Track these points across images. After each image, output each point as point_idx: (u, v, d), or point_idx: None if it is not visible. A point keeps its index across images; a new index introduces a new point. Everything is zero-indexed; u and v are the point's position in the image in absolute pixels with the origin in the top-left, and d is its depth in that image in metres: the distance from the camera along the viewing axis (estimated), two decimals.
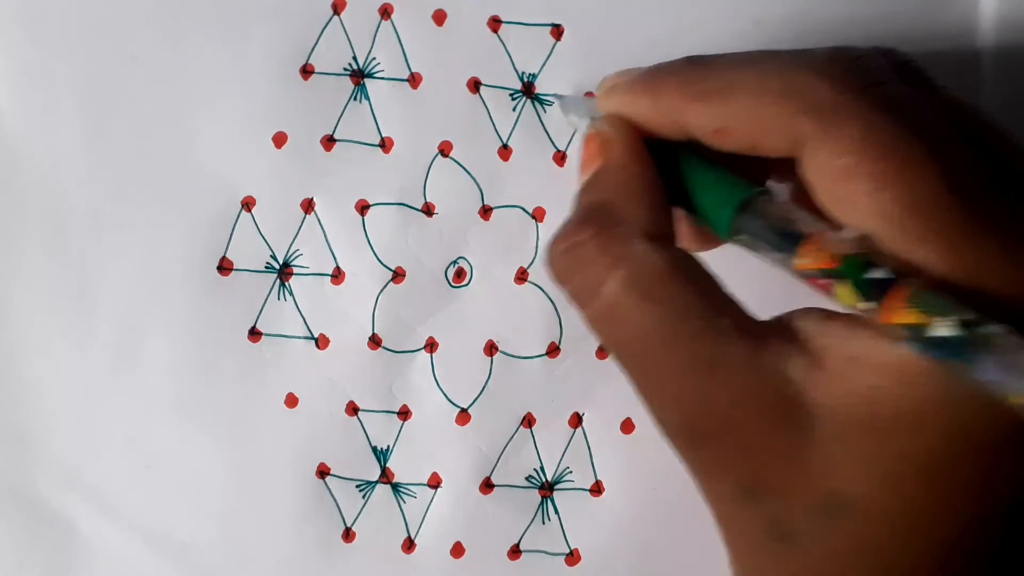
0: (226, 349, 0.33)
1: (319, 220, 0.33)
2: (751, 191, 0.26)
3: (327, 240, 0.33)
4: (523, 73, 0.33)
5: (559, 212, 0.33)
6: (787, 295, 0.25)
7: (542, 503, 0.35)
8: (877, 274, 0.22)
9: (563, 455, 0.34)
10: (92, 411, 0.33)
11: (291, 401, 0.34)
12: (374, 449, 0.34)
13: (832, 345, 0.23)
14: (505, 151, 0.33)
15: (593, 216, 0.26)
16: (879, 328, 0.22)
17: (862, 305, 0.22)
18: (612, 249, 0.25)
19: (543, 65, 0.33)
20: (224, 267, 0.33)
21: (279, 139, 0.33)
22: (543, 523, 0.35)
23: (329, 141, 0.33)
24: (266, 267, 0.34)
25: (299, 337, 0.34)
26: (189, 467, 0.34)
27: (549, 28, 0.33)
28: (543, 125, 0.33)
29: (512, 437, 0.34)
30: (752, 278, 0.26)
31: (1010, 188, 0.23)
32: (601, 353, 0.34)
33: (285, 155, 0.33)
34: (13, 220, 0.33)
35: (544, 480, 0.34)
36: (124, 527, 0.34)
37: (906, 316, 0.21)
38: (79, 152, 0.33)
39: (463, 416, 0.34)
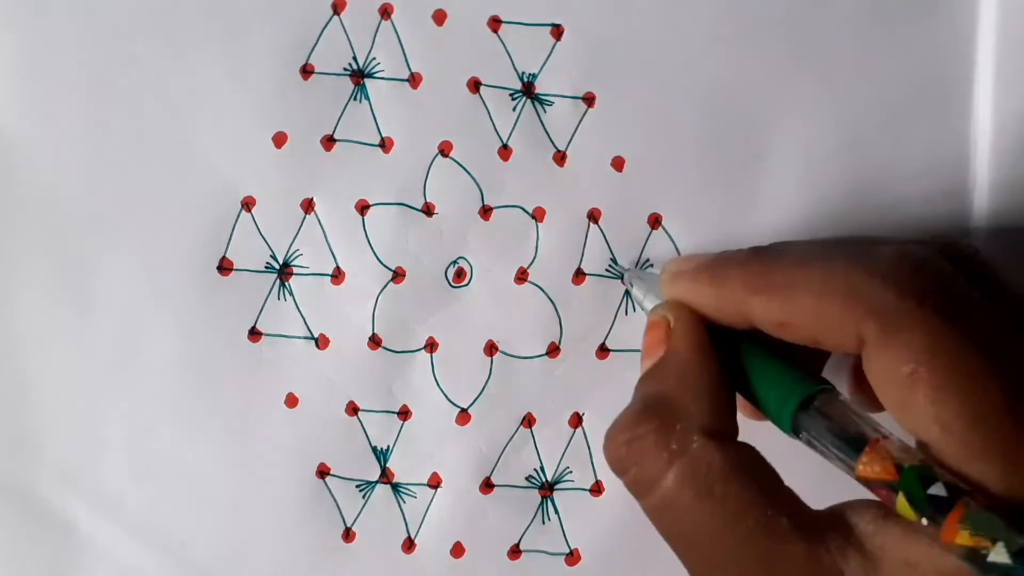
0: (226, 349, 0.33)
1: (319, 220, 0.33)
2: (813, 388, 0.26)
3: (327, 240, 0.33)
4: (523, 73, 0.33)
5: (559, 212, 0.34)
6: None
7: (542, 503, 0.35)
8: (936, 491, 0.22)
9: (563, 455, 0.34)
10: (92, 411, 0.34)
11: (291, 401, 0.34)
12: (374, 449, 0.34)
13: (889, 547, 0.23)
14: (505, 151, 0.33)
15: (653, 408, 0.26)
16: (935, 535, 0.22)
17: (921, 520, 0.22)
18: (670, 444, 0.25)
19: (543, 65, 0.33)
20: (224, 267, 0.33)
21: (279, 139, 0.33)
22: (543, 523, 0.34)
23: (329, 141, 0.33)
24: (266, 267, 0.34)
25: (299, 337, 0.34)
26: (189, 467, 0.34)
27: (549, 28, 0.33)
28: (543, 125, 0.33)
29: (512, 437, 0.34)
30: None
31: None
32: (601, 353, 0.34)
33: (285, 155, 0.33)
34: (13, 220, 0.33)
35: (544, 480, 0.34)
36: (124, 527, 0.34)
37: (964, 538, 0.21)
38: (79, 152, 0.33)
39: (463, 416, 0.34)
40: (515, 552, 0.34)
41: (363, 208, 0.33)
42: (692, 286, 0.28)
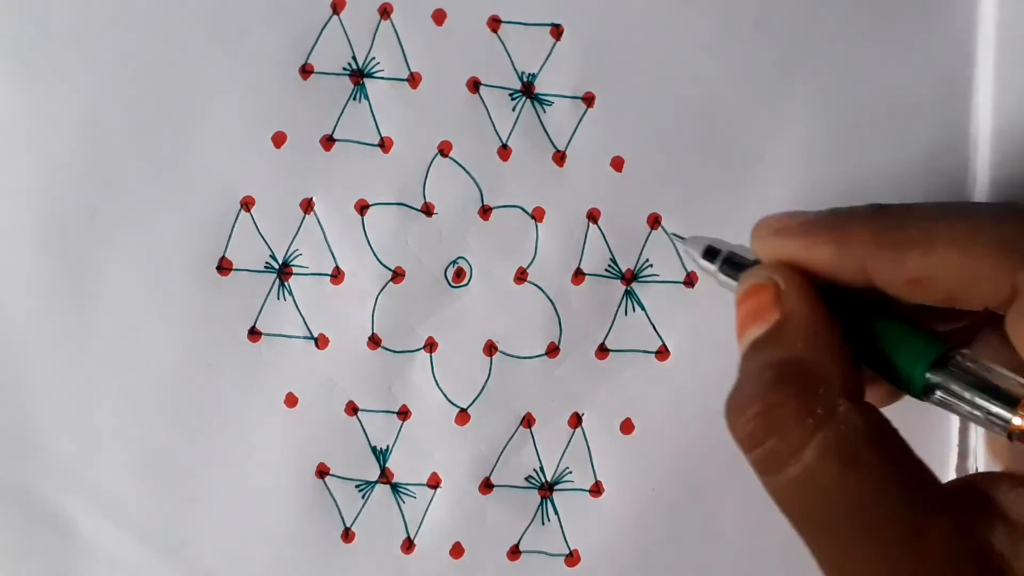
0: (226, 349, 0.33)
1: (319, 220, 0.33)
2: (947, 346, 0.25)
3: (327, 240, 0.33)
4: (523, 73, 0.33)
5: (558, 212, 0.34)
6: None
7: (542, 503, 0.34)
8: None
9: (563, 455, 0.34)
10: (92, 411, 0.34)
11: (291, 401, 0.34)
12: (373, 449, 0.34)
13: None
14: (505, 151, 0.33)
15: (789, 374, 0.25)
16: None
17: None
18: (815, 410, 0.24)
19: (543, 65, 0.33)
20: (223, 267, 0.33)
21: (278, 139, 0.33)
22: (543, 523, 0.34)
23: (328, 141, 0.33)
24: (265, 267, 0.34)
25: (299, 337, 0.34)
26: (189, 467, 0.34)
27: (549, 28, 0.33)
28: (543, 125, 0.33)
29: (512, 437, 0.34)
30: None
31: None
32: (601, 353, 0.34)
33: (284, 155, 0.33)
34: (12, 220, 0.33)
35: (544, 480, 0.34)
36: (124, 527, 0.34)
37: None
38: (79, 152, 0.33)
39: (462, 416, 0.34)
40: (514, 553, 0.34)
41: (362, 208, 0.33)
42: (806, 242, 0.26)
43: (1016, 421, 0.23)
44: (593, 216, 0.34)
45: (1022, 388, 0.24)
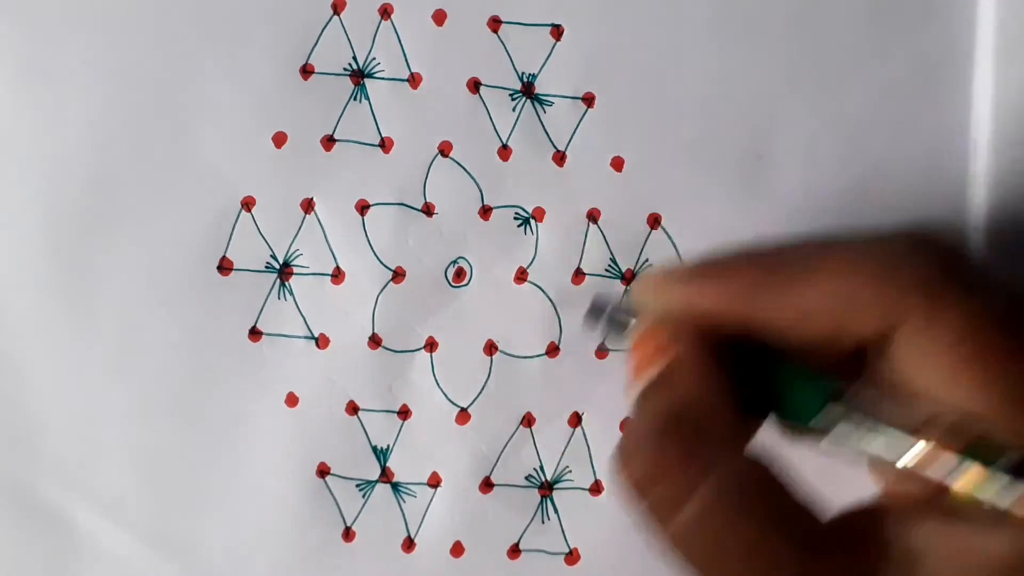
0: (226, 349, 0.33)
1: (319, 220, 0.33)
2: (836, 382, 0.25)
3: (327, 240, 0.33)
4: (523, 73, 0.33)
5: (559, 212, 0.34)
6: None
7: (542, 503, 0.35)
8: (1004, 465, 0.22)
9: (563, 455, 0.34)
10: (92, 411, 0.34)
11: (291, 401, 0.34)
12: (374, 448, 0.34)
13: (930, 542, 0.23)
14: (505, 151, 0.33)
15: (672, 424, 0.25)
16: (981, 520, 0.22)
17: (994, 494, 0.22)
18: (698, 460, 0.24)
19: (543, 65, 0.33)
20: (224, 267, 0.33)
21: (279, 139, 0.33)
22: (543, 522, 0.35)
23: (329, 141, 0.33)
24: (266, 267, 0.34)
25: (299, 337, 0.34)
26: (189, 467, 0.34)
27: (549, 28, 0.33)
28: (543, 125, 0.33)
29: (512, 437, 0.34)
30: None
31: None
32: (601, 353, 0.34)
33: (285, 155, 0.33)
34: (12, 219, 0.33)
35: (544, 480, 0.35)
36: (124, 527, 0.34)
37: None
38: (79, 152, 0.33)
39: (463, 416, 0.34)
40: (515, 551, 0.34)
41: (363, 208, 0.33)
42: (692, 289, 0.26)
43: (914, 454, 0.23)
44: (593, 216, 0.34)
45: (917, 418, 0.23)
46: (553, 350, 0.34)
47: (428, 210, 0.34)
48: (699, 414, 0.25)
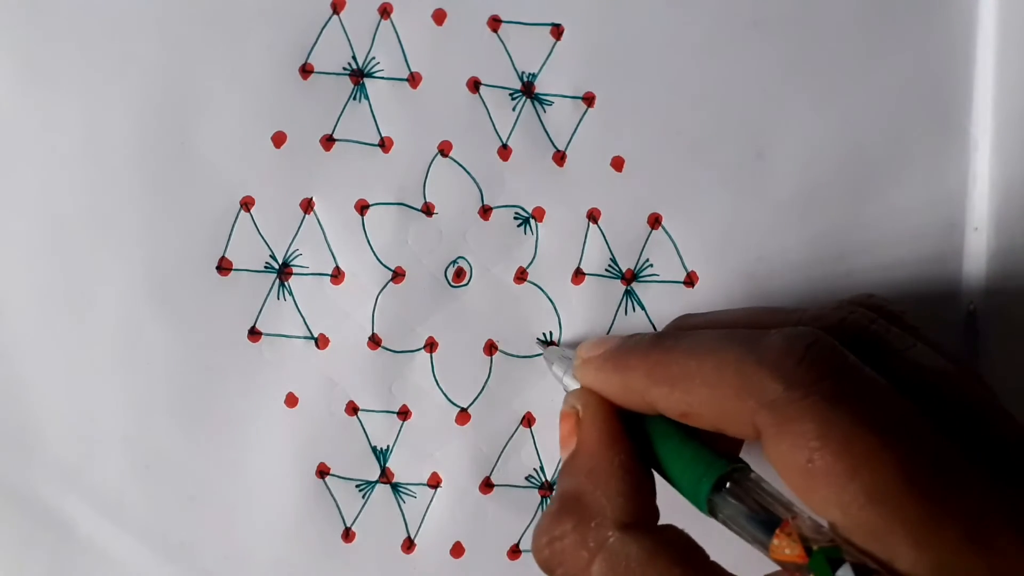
0: (226, 349, 0.33)
1: (318, 220, 0.33)
2: (725, 468, 0.26)
3: (327, 240, 0.33)
4: (523, 73, 0.33)
5: (559, 212, 0.34)
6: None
7: (542, 503, 0.35)
8: (845, 572, 0.22)
9: None
10: (91, 411, 0.33)
11: (291, 401, 0.34)
12: (374, 449, 0.34)
13: None
14: (505, 151, 0.33)
15: (569, 507, 0.27)
16: None
17: None
18: (588, 542, 0.26)
19: (543, 65, 0.33)
20: (223, 267, 0.33)
21: (278, 139, 0.33)
22: None
23: (328, 141, 0.33)
24: (265, 267, 0.33)
25: (299, 337, 0.34)
26: (189, 467, 0.34)
27: (549, 28, 0.33)
28: (543, 125, 0.33)
29: (512, 437, 0.34)
30: None
31: (988, 457, 0.24)
32: None
33: (284, 155, 0.33)
34: (12, 219, 0.33)
35: (544, 480, 0.35)
36: (124, 527, 0.34)
37: None
38: (79, 151, 0.33)
39: (463, 416, 0.34)
40: (515, 552, 0.34)
41: (363, 208, 0.33)
42: (600, 375, 0.28)
43: (772, 549, 0.24)
44: (593, 216, 0.34)
45: (787, 513, 0.24)
46: None
47: (428, 210, 0.34)
48: (590, 499, 0.26)
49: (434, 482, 0.34)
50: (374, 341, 0.34)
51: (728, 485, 0.25)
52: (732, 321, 0.30)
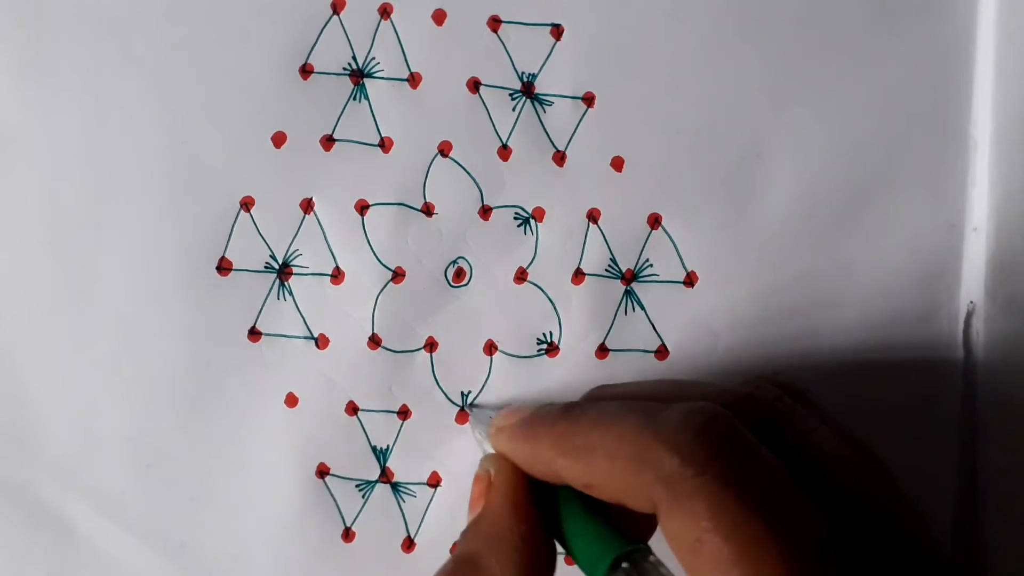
0: (226, 349, 0.33)
1: (318, 220, 0.33)
2: (624, 548, 0.25)
3: (327, 240, 0.33)
4: (523, 73, 0.33)
5: (559, 212, 0.34)
6: None
7: None
8: None
9: None
10: (92, 411, 0.34)
11: (291, 401, 0.34)
12: (374, 449, 0.34)
13: None
14: (505, 151, 0.33)
15: (462, 570, 0.27)
16: None
17: None
18: None
19: (543, 65, 0.33)
20: (223, 267, 0.33)
21: (278, 139, 0.33)
22: None
23: (328, 141, 0.33)
24: (265, 267, 0.34)
25: (299, 337, 0.34)
26: (189, 467, 0.34)
27: (549, 28, 0.33)
28: (543, 125, 0.33)
29: None
30: None
31: (877, 552, 0.24)
32: (601, 353, 0.34)
33: (284, 155, 0.33)
34: (12, 219, 0.33)
35: None
36: (124, 527, 0.34)
37: None
38: (79, 152, 0.33)
39: (463, 415, 0.34)
40: None
41: (362, 208, 0.33)
42: (511, 444, 0.28)
43: None
44: (593, 216, 0.34)
45: None
46: (553, 350, 0.34)
47: (428, 210, 0.34)
48: (484, 567, 0.27)
49: (434, 482, 0.34)
50: (374, 341, 0.34)
51: (624, 565, 0.25)
52: (640, 393, 0.29)
